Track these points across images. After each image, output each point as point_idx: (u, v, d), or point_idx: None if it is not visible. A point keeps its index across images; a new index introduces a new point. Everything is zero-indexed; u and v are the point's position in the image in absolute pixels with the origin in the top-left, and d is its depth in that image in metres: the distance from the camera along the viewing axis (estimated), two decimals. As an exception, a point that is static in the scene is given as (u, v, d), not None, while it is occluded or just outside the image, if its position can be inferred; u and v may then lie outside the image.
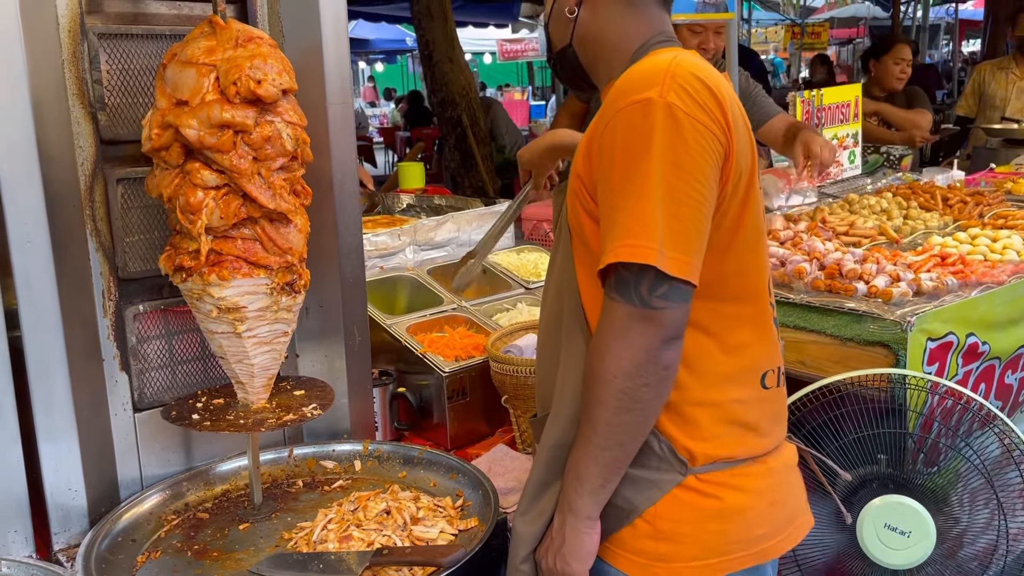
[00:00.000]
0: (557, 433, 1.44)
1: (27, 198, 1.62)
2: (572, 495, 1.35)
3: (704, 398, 1.39)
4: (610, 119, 1.31)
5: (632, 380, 1.27)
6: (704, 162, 1.27)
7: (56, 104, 1.67)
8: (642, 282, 1.26)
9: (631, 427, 1.31)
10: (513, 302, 2.65)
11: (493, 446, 2.22)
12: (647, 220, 1.25)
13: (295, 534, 1.73)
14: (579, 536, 1.36)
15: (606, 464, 1.33)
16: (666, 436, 1.38)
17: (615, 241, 1.27)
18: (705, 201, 1.29)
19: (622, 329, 1.28)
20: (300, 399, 1.85)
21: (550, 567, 1.39)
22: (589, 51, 1.52)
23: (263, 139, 1.60)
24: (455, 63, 7.54)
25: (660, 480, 1.38)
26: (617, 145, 1.29)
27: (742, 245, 1.38)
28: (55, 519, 1.72)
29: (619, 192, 1.28)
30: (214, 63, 1.58)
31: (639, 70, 1.34)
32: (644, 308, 1.26)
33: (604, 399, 1.29)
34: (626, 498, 1.38)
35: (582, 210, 1.39)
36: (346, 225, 2.07)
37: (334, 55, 1.96)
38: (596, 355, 1.30)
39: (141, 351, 1.85)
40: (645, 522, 1.39)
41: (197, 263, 1.64)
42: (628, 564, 1.40)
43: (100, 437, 1.79)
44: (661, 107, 1.26)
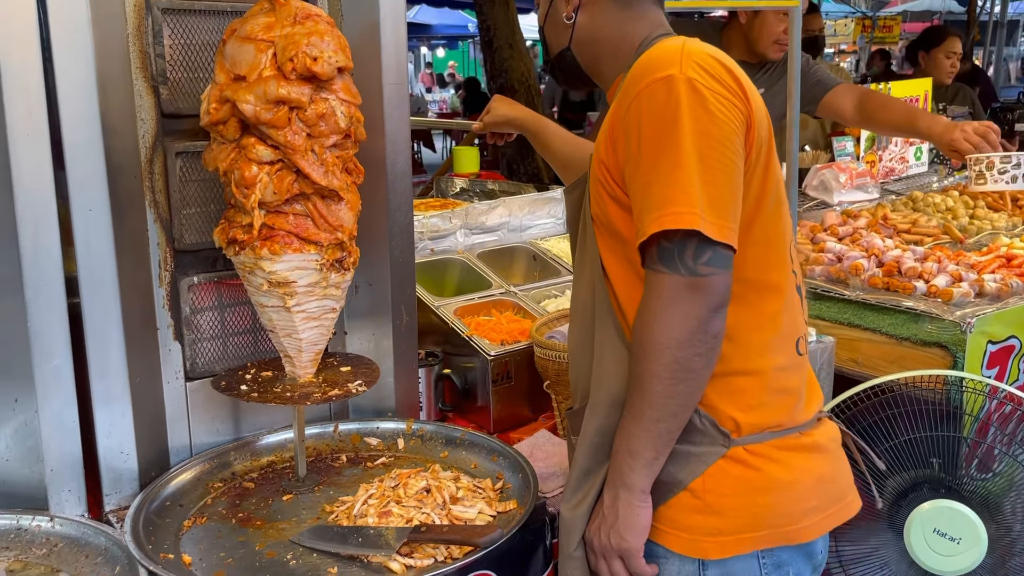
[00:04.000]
0: (598, 420, 1.45)
1: (89, 167, 1.67)
2: (625, 470, 1.36)
3: (747, 367, 1.40)
4: (631, 101, 1.34)
5: (684, 350, 1.29)
6: (731, 130, 1.31)
7: (120, 77, 1.71)
8: (686, 250, 1.28)
9: (684, 397, 1.33)
10: (561, 289, 2.64)
11: (535, 431, 2.23)
12: (686, 187, 1.27)
13: (336, 507, 1.75)
14: (634, 510, 1.36)
15: (659, 435, 1.34)
16: (708, 409, 1.39)
17: (655, 212, 1.29)
18: (736, 168, 1.32)
19: (670, 299, 1.29)
20: (346, 375, 1.87)
21: (604, 544, 1.39)
22: (589, 53, 1.56)
23: (317, 116, 1.62)
24: (516, 49, 7.53)
25: (703, 453, 1.39)
26: (644, 123, 1.31)
27: (767, 214, 1.40)
28: (107, 481, 1.77)
29: (651, 166, 1.30)
30: (272, 39, 1.60)
31: (652, 55, 1.37)
32: (691, 276, 1.28)
33: (657, 371, 1.30)
34: (669, 472, 1.39)
35: (607, 198, 1.41)
36: (397, 205, 2.09)
37: (391, 35, 1.97)
38: (645, 328, 1.31)
39: (194, 321, 1.90)
40: (693, 496, 1.39)
41: (250, 237, 1.66)
42: (676, 541, 1.40)
43: (152, 404, 1.84)
44: (683, 81, 1.29)
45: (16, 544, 1.60)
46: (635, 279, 1.41)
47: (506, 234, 2.96)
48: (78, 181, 1.65)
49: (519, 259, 2.88)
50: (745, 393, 1.41)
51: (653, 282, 1.32)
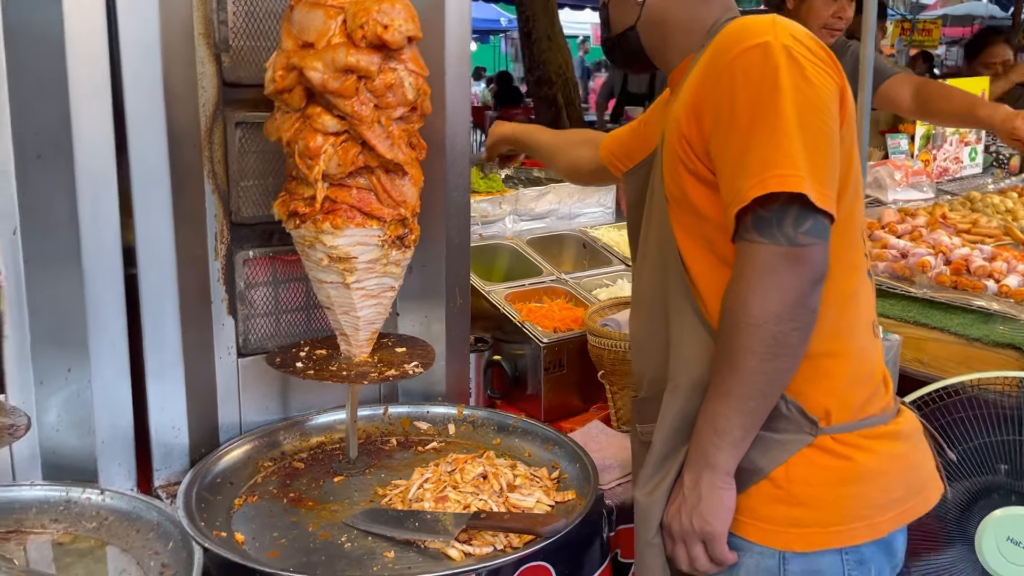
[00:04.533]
0: (679, 403, 1.40)
1: (151, 136, 1.63)
2: (710, 449, 1.30)
3: (835, 348, 1.36)
4: (721, 71, 1.31)
5: (783, 324, 1.24)
6: (828, 98, 1.28)
7: (183, 44, 1.67)
8: (786, 218, 1.24)
9: (777, 374, 1.28)
10: (613, 278, 2.58)
11: (587, 421, 2.17)
12: (788, 151, 1.23)
13: (389, 491, 1.71)
14: (717, 492, 1.31)
15: (749, 413, 1.29)
16: (794, 395, 1.33)
17: (754, 177, 1.24)
18: (835, 136, 1.28)
19: (768, 270, 1.24)
20: (401, 356, 1.82)
21: (685, 527, 1.33)
22: (656, 34, 1.52)
23: (385, 86, 1.57)
24: (554, 42, 7.46)
25: (787, 440, 1.34)
26: (738, 90, 1.28)
27: (849, 191, 1.36)
28: (157, 456, 1.74)
29: (748, 133, 1.26)
30: (342, 5, 1.55)
31: (741, 26, 1.35)
32: (791, 246, 1.24)
33: (752, 346, 1.25)
34: (749, 459, 1.33)
35: (686, 174, 1.37)
36: (455, 185, 2.04)
37: (456, 11, 1.92)
38: (738, 301, 1.26)
39: (248, 297, 1.86)
40: (774, 486, 1.33)
41: (312, 210, 1.62)
42: (756, 531, 1.34)
43: (204, 379, 1.80)
44: (779, 48, 1.27)
45: (66, 516, 1.57)
46: (713, 259, 1.37)
47: (555, 221, 2.90)
48: (139, 150, 1.62)
49: (568, 246, 2.82)
50: (832, 376, 1.35)
51: (748, 253, 1.26)
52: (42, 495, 1.59)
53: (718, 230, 1.34)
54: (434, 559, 1.49)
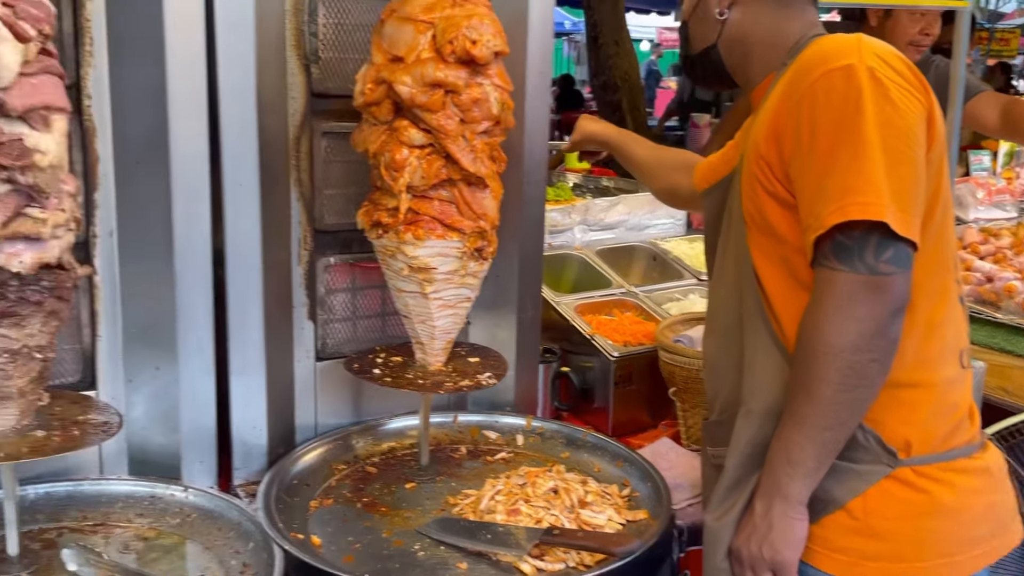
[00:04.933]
0: (751, 431, 1.38)
1: (242, 144, 1.68)
2: (783, 479, 1.29)
3: (917, 379, 1.33)
4: (803, 93, 1.28)
5: (860, 354, 1.22)
6: (913, 122, 1.25)
7: (275, 54, 1.71)
8: (867, 246, 1.21)
9: (854, 405, 1.25)
10: (684, 292, 2.56)
11: (655, 438, 2.16)
12: (870, 177, 1.21)
13: (460, 500, 1.72)
14: (789, 522, 1.29)
15: (823, 445, 1.27)
16: (873, 424, 1.31)
17: (835, 203, 1.22)
18: (920, 161, 1.25)
19: (846, 299, 1.22)
20: (475, 366, 1.84)
21: (754, 555, 1.31)
22: (738, 51, 1.50)
23: (471, 101, 1.59)
24: (621, 47, 7.41)
25: (864, 471, 1.31)
26: (818, 113, 1.26)
27: (938, 216, 1.33)
28: (238, 455, 1.79)
29: (828, 157, 1.24)
30: (432, 20, 1.57)
31: (825, 46, 1.32)
32: (871, 275, 1.21)
33: (828, 375, 1.23)
34: (824, 488, 1.31)
35: (765, 196, 1.35)
36: (531, 197, 2.05)
37: (539, 22, 1.93)
38: (815, 330, 1.24)
39: (328, 302, 1.90)
40: (850, 517, 1.31)
41: (395, 220, 1.64)
42: (830, 562, 1.32)
43: (283, 381, 1.84)
44: (863, 70, 1.24)
45: (150, 512, 1.62)
46: (791, 282, 1.34)
47: (624, 232, 2.89)
48: (232, 157, 1.66)
49: (638, 258, 2.81)
50: (914, 407, 1.32)
51: (826, 280, 1.24)
52: (128, 490, 1.65)
53: (797, 253, 1.32)
54: (506, 573, 1.50)
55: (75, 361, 1.65)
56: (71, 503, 1.61)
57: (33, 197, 1.27)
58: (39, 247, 1.28)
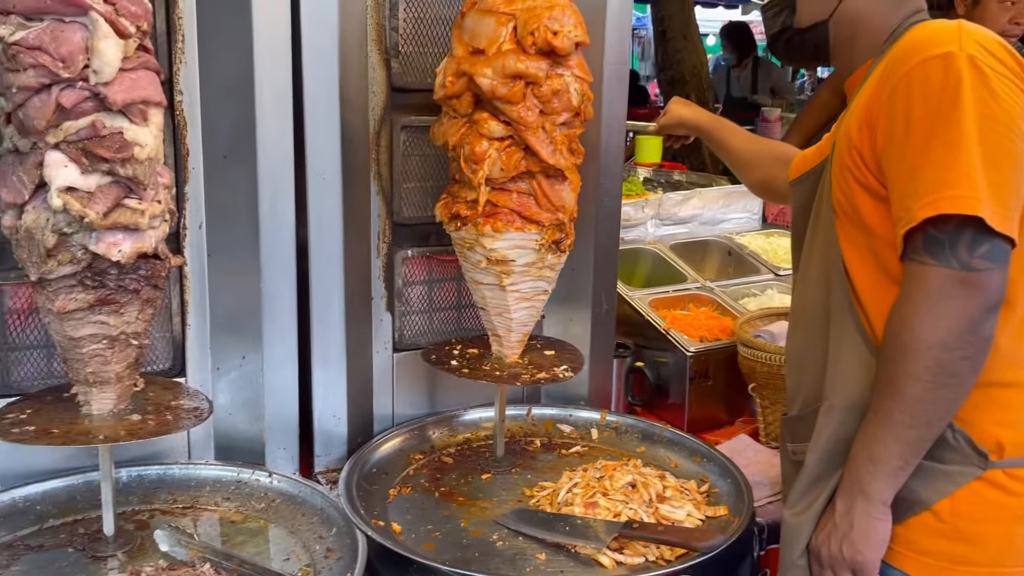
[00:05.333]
0: (833, 426, 1.36)
1: (326, 138, 1.71)
2: (865, 477, 1.26)
3: (1012, 378, 1.28)
4: (898, 81, 1.25)
5: (950, 352, 1.18)
6: (1016, 113, 1.20)
7: (357, 49, 1.74)
8: (959, 240, 1.17)
9: (943, 404, 1.22)
10: (762, 287, 2.51)
11: (732, 435, 2.13)
12: (966, 170, 1.17)
13: (537, 492, 1.73)
14: (871, 522, 1.26)
15: (909, 444, 1.23)
16: (964, 425, 1.27)
17: (927, 196, 1.18)
18: (1020, 154, 1.19)
19: (938, 295, 1.18)
20: (551, 359, 1.84)
21: (834, 554, 1.29)
22: (846, 30, 1.45)
23: (552, 92, 1.59)
24: (689, 40, 7.30)
25: (953, 472, 1.27)
26: (914, 103, 1.22)
27: None
28: (319, 442, 1.82)
29: (923, 148, 1.20)
30: (513, 12, 1.57)
31: (923, 33, 1.28)
32: (964, 271, 1.17)
33: (916, 372, 1.20)
34: (910, 488, 1.28)
35: (856, 186, 1.32)
36: (607, 189, 2.04)
37: (617, 11, 1.92)
38: (904, 325, 1.21)
39: (405, 294, 1.92)
40: (937, 519, 1.28)
41: (473, 213, 1.65)
42: (916, 565, 1.29)
43: (363, 371, 1.87)
44: (963, 59, 1.20)
45: (237, 496, 1.67)
46: (881, 275, 1.31)
47: (697, 227, 2.86)
48: (315, 151, 1.70)
49: (712, 253, 2.77)
50: (1008, 408, 1.28)
51: (917, 275, 1.20)
52: (216, 474, 1.69)
53: (887, 246, 1.28)
54: (586, 565, 1.49)
55: (166, 348, 1.71)
56: (162, 486, 1.67)
57: (131, 189, 1.32)
58: (137, 237, 1.32)
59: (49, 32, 1.21)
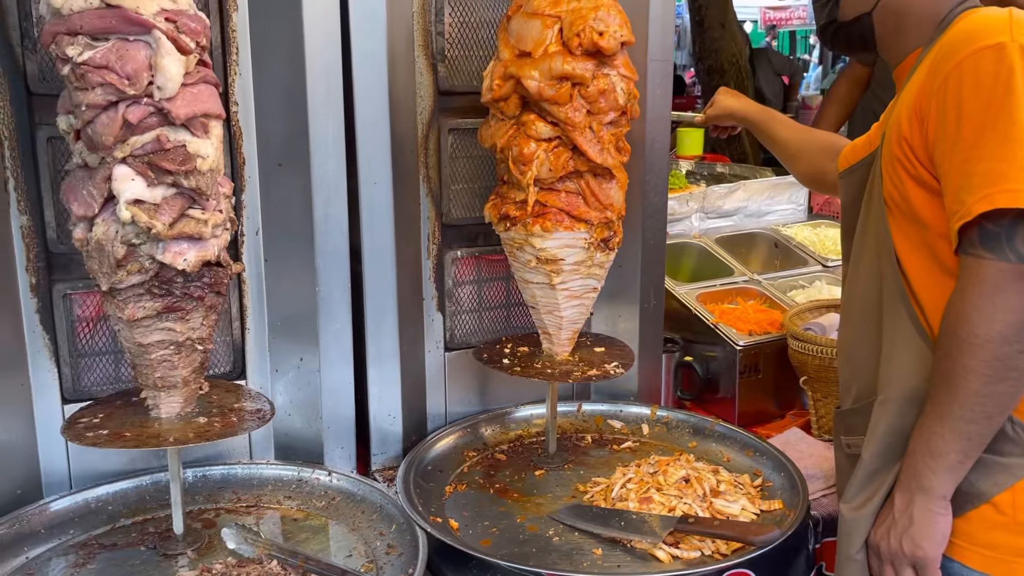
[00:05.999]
0: (890, 419, 1.36)
1: (376, 143, 1.74)
2: (924, 471, 1.26)
3: None
4: (949, 72, 1.24)
5: (1009, 345, 1.18)
6: None
7: (405, 54, 1.77)
8: (1016, 234, 1.18)
9: (1003, 398, 1.22)
10: (810, 279, 2.49)
11: (783, 428, 2.12)
12: (1021, 163, 1.16)
13: (591, 487, 1.75)
14: (931, 516, 1.27)
15: (969, 438, 1.24)
16: (1022, 416, 1.26)
17: (982, 190, 1.18)
18: None
19: (994, 289, 1.18)
20: (601, 356, 1.85)
21: (894, 549, 1.29)
22: (891, 21, 1.45)
23: (598, 92, 1.60)
24: (727, 29, 7.24)
25: (1013, 465, 1.28)
26: (965, 94, 1.22)
27: None
28: (375, 441, 1.86)
29: (976, 141, 1.20)
30: (559, 14, 1.59)
31: (973, 23, 1.28)
32: (1021, 264, 1.17)
33: (974, 367, 1.20)
34: (969, 481, 1.28)
35: (908, 178, 1.31)
36: (653, 185, 2.04)
37: (660, 7, 1.92)
38: (961, 319, 1.21)
39: (455, 294, 1.95)
40: (997, 511, 1.28)
41: (522, 213, 1.67)
42: (977, 558, 1.29)
43: (415, 371, 1.91)
44: (1017, 49, 1.20)
45: (298, 495, 1.71)
46: (935, 267, 1.30)
47: (742, 219, 2.84)
48: (366, 156, 1.73)
49: (759, 245, 2.76)
50: None
51: (973, 268, 1.20)
52: (277, 473, 1.74)
53: (941, 238, 1.28)
54: (642, 560, 1.51)
55: (226, 352, 1.76)
56: (226, 485, 1.72)
57: (195, 199, 1.36)
58: (201, 246, 1.37)
59: (115, 51, 1.25)
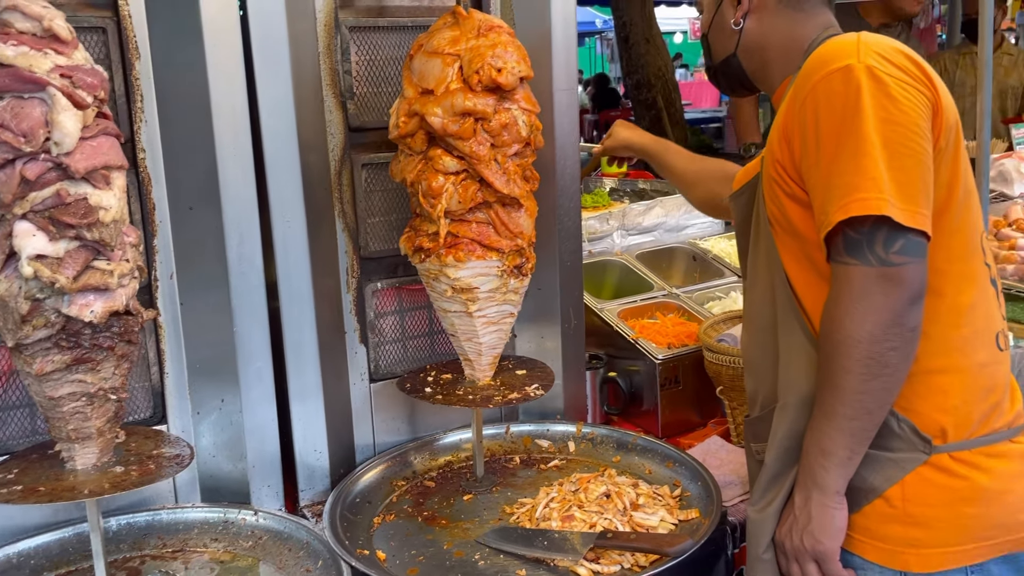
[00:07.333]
0: (788, 423, 1.42)
1: (287, 181, 1.77)
2: (817, 470, 1.33)
3: (948, 364, 1.35)
4: (806, 95, 1.32)
5: (879, 344, 1.25)
6: (916, 115, 1.27)
7: (313, 94, 1.80)
8: (875, 239, 1.25)
9: (879, 394, 1.28)
10: (726, 290, 2.58)
11: (705, 437, 2.18)
12: (871, 173, 1.24)
13: (517, 509, 1.78)
14: (828, 512, 1.33)
15: (853, 434, 1.30)
16: (907, 413, 1.34)
17: (839, 201, 1.26)
18: (925, 153, 1.27)
19: (861, 292, 1.25)
20: (522, 378, 1.90)
21: (797, 546, 1.35)
22: (756, 59, 1.55)
23: (501, 126, 1.65)
24: (652, 44, 7.40)
25: (900, 459, 1.34)
26: (821, 115, 1.30)
27: (958, 202, 1.35)
28: (302, 477, 1.87)
29: (832, 157, 1.28)
30: (458, 53, 1.64)
31: (826, 49, 1.35)
32: (883, 267, 1.24)
33: (849, 367, 1.26)
34: (862, 477, 1.34)
35: (784, 196, 1.39)
36: (566, 210, 2.10)
37: (562, 41, 1.98)
38: (835, 323, 1.28)
39: (378, 325, 1.98)
40: (889, 505, 1.34)
41: (435, 244, 1.71)
42: (872, 551, 1.35)
43: (341, 404, 1.92)
44: (862, 69, 1.27)
45: (224, 536, 1.72)
46: (815, 277, 1.38)
47: (663, 234, 2.92)
48: (278, 194, 1.75)
49: (678, 259, 2.84)
50: (948, 393, 1.34)
51: (841, 274, 1.28)
52: (203, 516, 1.74)
53: (818, 250, 1.35)
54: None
55: (146, 398, 1.75)
56: (151, 532, 1.72)
57: (99, 251, 1.37)
58: (108, 297, 1.37)
59: (9, 109, 1.26)
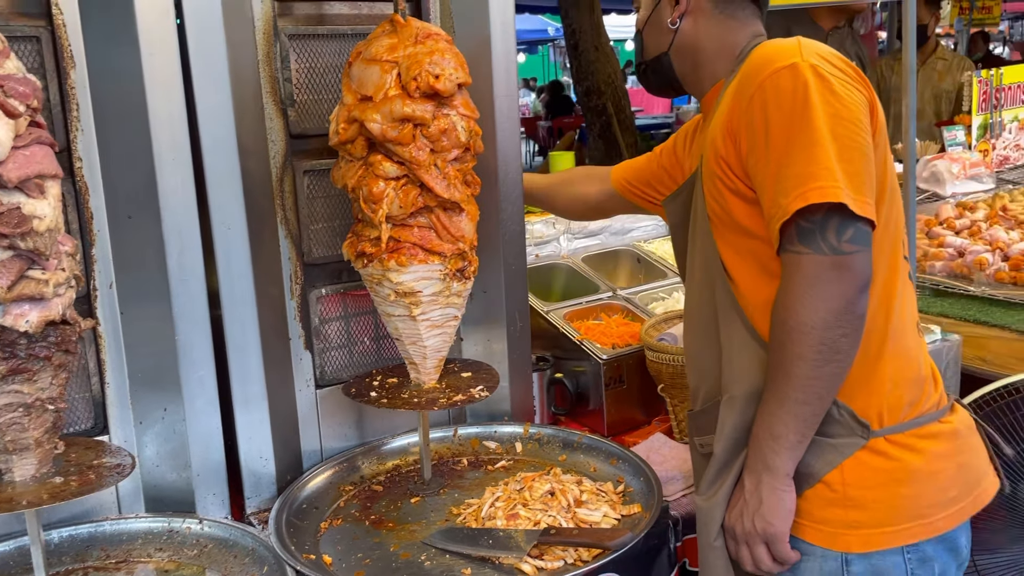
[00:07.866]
0: (734, 415, 1.46)
1: (228, 190, 1.76)
2: (768, 453, 1.37)
3: (883, 351, 1.41)
4: (753, 92, 1.37)
5: (831, 331, 1.29)
6: (858, 111, 1.34)
7: (252, 102, 1.80)
8: (828, 228, 1.29)
9: (830, 379, 1.33)
10: (668, 291, 2.63)
11: (650, 434, 2.23)
12: (825, 163, 1.29)
13: (463, 510, 1.80)
14: (778, 494, 1.37)
15: (804, 419, 1.35)
16: (846, 399, 1.39)
17: (795, 190, 1.30)
18: (868, 146, 1.34)
19: (814, 280, 1.30)
20: (468, 380, 1.92)
21: (747, 529, 1.39)
22: (688, 59, 1.59)
23: (440, 132, 1.68)
24: (601, 51, 7.51)
25: (840, 444, 1.39)
26: (770, 110, 1.35)
27: (888, 196, 1.43)
28: (248, 485, 1.87)
29: (784, 150, 1.32)
30: (396, 60, 1.66)
31: (768, 50, 1.42)
32: (835, 255, 1.29)
33: (803, 353, 1.31)
34: (806, 463, 1.39)
35: (727, 192, 1.43)
36: (509, 214, 2.13)
37: (502, 49, 2.01)
38: (788, 311, 1.32)
39: (323, 331, 1.98)
40: (829, 489, 1.39)
41: (378, 249, 1.73)
42: (815, 534, 1.40)
43: (286, 411, 1.93)
44: (807, 67, 1.34)
45: (169, 545, 1.71)
46: (759, 272, 1.43)
47: (608, 237, 2.97)
48: (218, 202, 1.75)
49: (623, 262, 2.89)
50: (881, 378, 1.41)
51: (794, 263, 1.32)
52: (146, 526, 1.73)
53: (764, 245, 1.40)
54: (508, 574, 1.57)
55: (87, 408, 1.74)
56: (93, 543, 1.70)
57: (34, 260, 1.36)
58: (43, 306, 1.37)
59: (-63, 119, 1.25)
